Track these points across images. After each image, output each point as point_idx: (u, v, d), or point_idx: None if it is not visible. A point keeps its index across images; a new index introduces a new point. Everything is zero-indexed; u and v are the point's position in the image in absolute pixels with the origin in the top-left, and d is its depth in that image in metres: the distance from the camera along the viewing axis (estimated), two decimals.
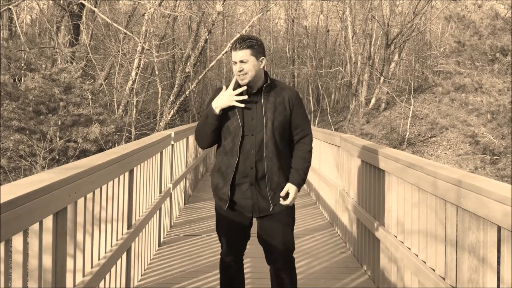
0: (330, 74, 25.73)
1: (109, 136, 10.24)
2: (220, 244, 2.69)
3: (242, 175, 2.43)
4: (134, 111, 12.78)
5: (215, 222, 2.68)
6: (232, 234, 2.58)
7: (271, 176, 2.44)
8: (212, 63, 14.08)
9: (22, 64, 11.07)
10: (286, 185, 2.48)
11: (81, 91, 10.09)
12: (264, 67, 2.48)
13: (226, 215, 2.53)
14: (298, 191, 2.50)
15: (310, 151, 2.55)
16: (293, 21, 25.27)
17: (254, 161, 2.41)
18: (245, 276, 3.56)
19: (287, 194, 2.47)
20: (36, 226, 1.75)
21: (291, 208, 2.54)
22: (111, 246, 2.76)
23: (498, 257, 1.87)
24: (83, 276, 2.32)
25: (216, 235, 2.79)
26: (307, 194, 7.06)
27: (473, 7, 12.81)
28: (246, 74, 2.38)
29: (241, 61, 2.37)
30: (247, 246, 2.69)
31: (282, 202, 2.46)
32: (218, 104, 2.41)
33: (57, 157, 9.09)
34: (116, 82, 13.91)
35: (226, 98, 2.39)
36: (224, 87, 2.46)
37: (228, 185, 2.44)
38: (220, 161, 2.49)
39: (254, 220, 2.59)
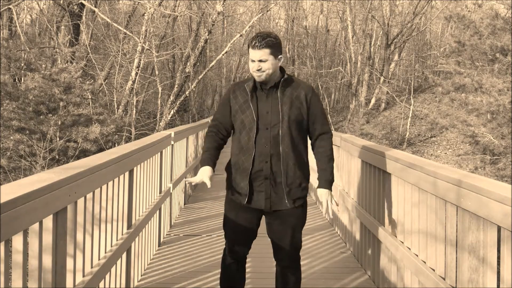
0: (330, 74, 25.76)
1: (109, 136, 10.24)
2: (224, 242, 2.66)
3: (257, 169, 2.41)
4: (134, 111, 12.78)
5: (219, 221, 2.67)
6: (240, 230, 2.54)
7: (287, 171, 2.42)
8: (212, 63, 14.09)
9: (22, 64, 11.07)
10: (320, 195, 2.48)
11: (81, 91, 10.09)
12: (283, 63, 2.49)
13: (238, 211, 2.50)
14: (331, 190, 2.49)
15: (332, 149, 2.52)
16: (293, 21, 25.28)
17: (269, 155, 2.39)
18: (246, 276, 3.56)
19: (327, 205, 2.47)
20: (36, 226, 1.75)
21: (303, 207, 2.52)
22: (111, 246, 2.76)
23: (498, 257, 1.87)
24: (83, 276, 2.31)
25: (216, 235, 2.77)
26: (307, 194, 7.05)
27: (473, 7, 12.83)
28: (263, 72, 2.37)
29: (260, 60, 2.35)
30: None
31: (330, 210, 2.45)
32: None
33: (57, 157, 9.09)
34: (116, 82, 13.93)
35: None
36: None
37: (247, 180, 2.42)
38: (236, 155, 2.48)
39: (262, 220, 2.57)
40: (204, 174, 2.39)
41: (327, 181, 2.47)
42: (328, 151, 2.50)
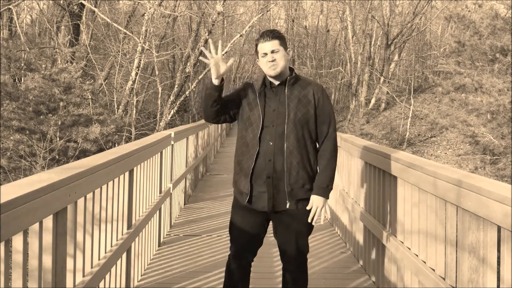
0: (330, 74, 25.77)
1: (109, 136, 10.24)
2: (229, 246, 2.59)
3: (260, 167, 2.35)
4: (134, 111, 12.79)
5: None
6: (246, 235, 2.48)
7: (290, 170, 2.33)
8: None
9: (22, 64, 11.07)
10: (312, 201, 2.36)
11: (81, 91, 10.10)
12: (290, 59, 2.49)
13: (243, 212, 2.45)
14: (327, 198, 2.37)
15: (333, 152, 2.41)
16: (293, 21, 25.29)
17: (272, 153, 2.33)
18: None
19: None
20: (36, 226, 1.75)
21: (309, 210, 2.39)
22: (111, 246, 2.76)
23: (498, 257, 1.87)
24: (83, 276, 2.31)
25: (216, 235, 2.73)
26: None
27: (473, 7, 12.84)
28: (277, 64, 2.35)
29: (272, 51, 2.35)
30: None
31: (316, 218, 2.37)
32: (212, 73, 2.32)
33: (57, 157, 9.09)
34: (116, 82, 13.94)
35: (212, 66, 2.30)
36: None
37: (248, 178, 2.36)
38: (240, 153, 2.43)
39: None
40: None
41: (321, 188, 2.35)
42: (328, 154, 2.39)
